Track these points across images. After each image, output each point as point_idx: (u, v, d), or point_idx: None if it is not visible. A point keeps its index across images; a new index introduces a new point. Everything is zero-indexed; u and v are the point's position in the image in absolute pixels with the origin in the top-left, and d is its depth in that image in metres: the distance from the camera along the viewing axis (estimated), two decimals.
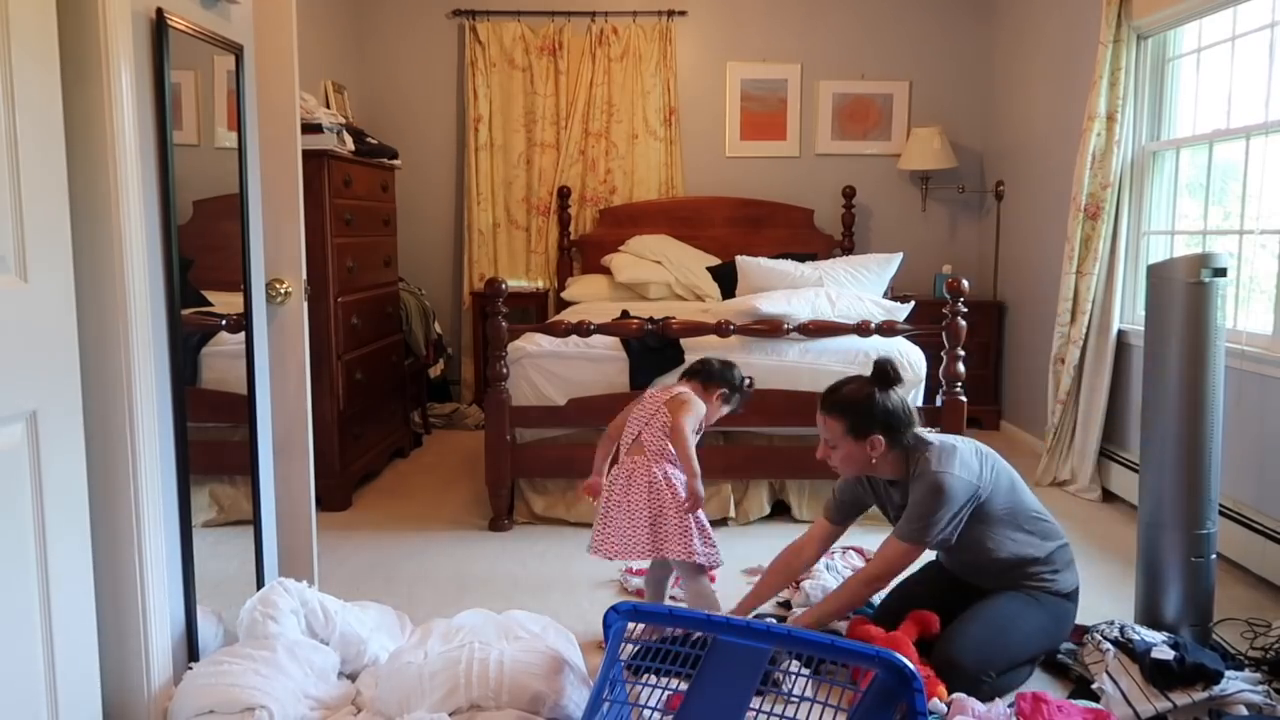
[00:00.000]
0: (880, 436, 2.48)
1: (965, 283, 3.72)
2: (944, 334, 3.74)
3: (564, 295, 5.49)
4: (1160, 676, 2.27)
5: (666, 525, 2.62)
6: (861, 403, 2.50)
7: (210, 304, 2.45)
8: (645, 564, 3.27)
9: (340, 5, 5.52)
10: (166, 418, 2.16)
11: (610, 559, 2.63)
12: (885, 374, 2.53)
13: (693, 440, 2.72)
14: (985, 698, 2.30)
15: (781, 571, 2.74)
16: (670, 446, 2.69)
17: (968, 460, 2.49)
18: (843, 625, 2.68)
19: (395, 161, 4.85)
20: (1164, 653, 2.31)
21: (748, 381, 2.96)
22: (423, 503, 4.13)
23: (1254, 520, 3.24)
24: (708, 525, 2.72)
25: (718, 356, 2.97)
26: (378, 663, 2.41)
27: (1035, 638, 2.49)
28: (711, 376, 2.86)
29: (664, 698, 1.94)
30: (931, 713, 2.22)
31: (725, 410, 2.92)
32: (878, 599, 2.82)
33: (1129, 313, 4.22)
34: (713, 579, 2.89)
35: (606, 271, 5.46)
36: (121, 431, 2.00)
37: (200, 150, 2.40)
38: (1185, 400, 2.65)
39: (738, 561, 3.42)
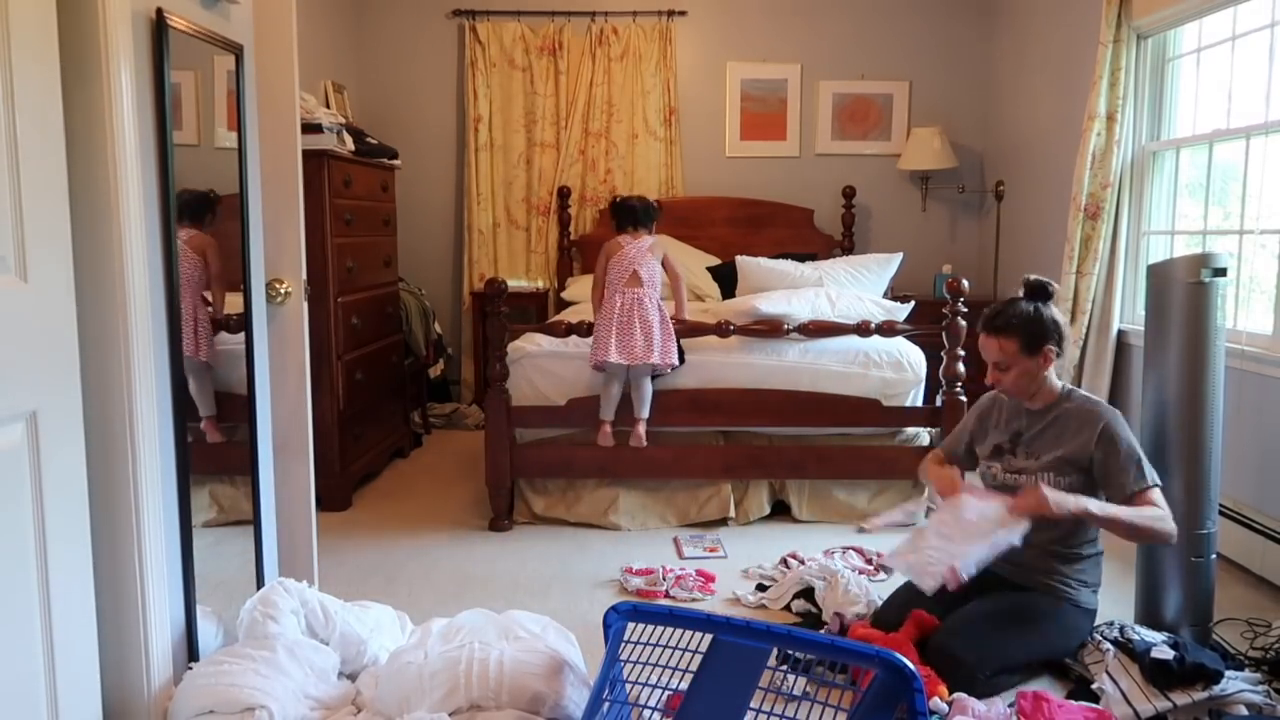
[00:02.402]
0: (1053, 347, 2.55)
1: (965, 283, 3.72)
2: (944, 334, 3.74)
3: (564, 295, 5.49)
4: (1160, 676, 2.27)
5: (662, 337, 3.65)
6: (1033, 316, 2.56)
7: (211, 304, 2.45)
8: (643, 564, 3.29)
9: (340, 5, 5.52)
10: (166, 418, 2.16)
11: (629, 362, 3.61)
12: (1043, 287, 2.60)
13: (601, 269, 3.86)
14: (980, 695, 2.30)
15: (942, 465, 2.80)
16: (660, 277, 3.85)
17: None
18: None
19: (395, 161, 4.85)
20: (1164, 652, 2.31)
21: (656, 204, 4.06)
22: (423, 503, 4.13)
23: (1254, 520, 3.24)
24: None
25: (635, 199, 4.01)
26: (378, 663, 2.41)
27: (1039, 645, 2.49)
28: (650, 217, 3.97)
29: (664, 698, 1.94)
30: (932, 712, 2.22)
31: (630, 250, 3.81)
32: (879, 597, 2.82)
33: (1129, 313, 4.22)
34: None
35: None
36: (122, 431, 2.00)
37: (200, 150, 2.40)
38: (1185, 400, 2.65)
39: (738, 561, 3.42)
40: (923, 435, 3.87)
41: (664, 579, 3.16)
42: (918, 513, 3.51)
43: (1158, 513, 2.42)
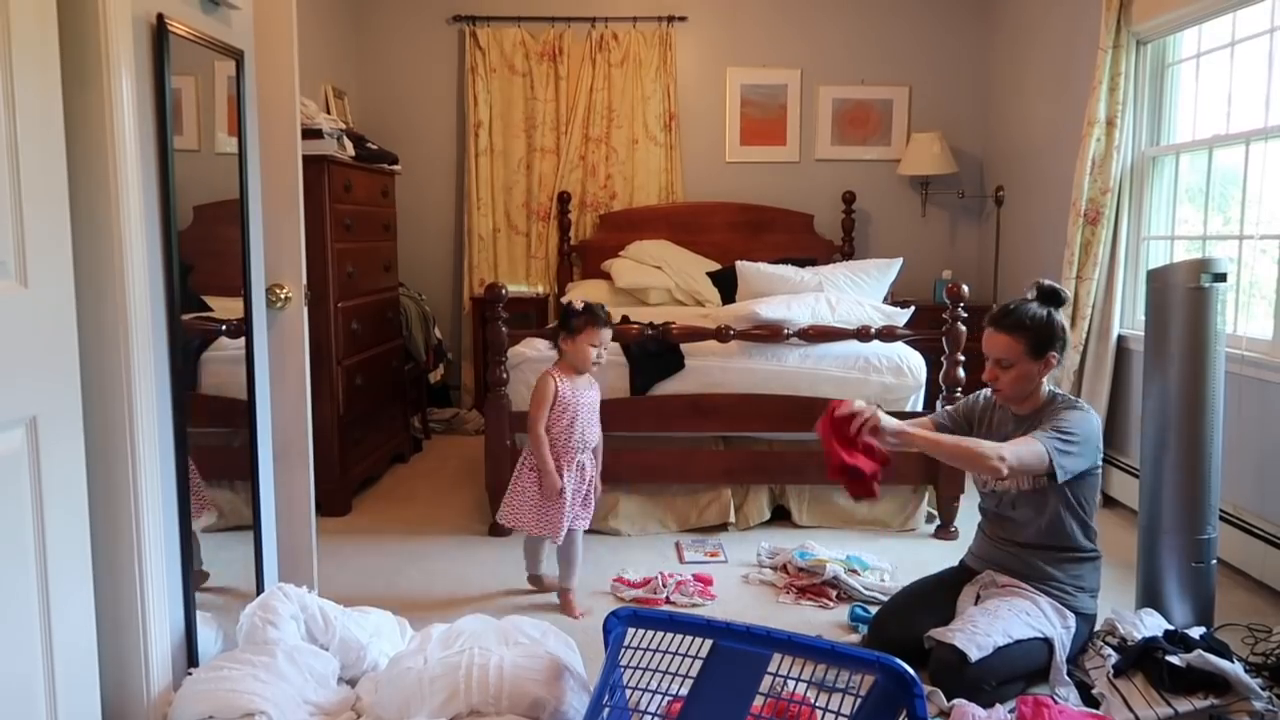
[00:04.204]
0: (1056, 354, 2.54)
1: (965, 288, 3.72)
2: (944, 339, 3.74)
3: (564, 300, 5.48)
4: (1169, 679, 2.26)
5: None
6: (1044, 320, 2.54)
7: (210, 309, 2.45)
8: (635, 575, 3.28)
9: (341, 10, 5.53)
10: (167, 423, 2.16)
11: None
12: (1055, 293, 2.59)
13: (543, 412, 3.01)
14: (985, 704, 2.30)
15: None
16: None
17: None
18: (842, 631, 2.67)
19: (395, 167, 4.86)
20: (1176, 657, 2.30)
21: (580, 306, 3.04)
22: (423, 508, 4.13)
23: (1254, 525, 3.23)
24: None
25: (574, 305, 3.07)
26: (377, 668, 2.40)
27: (1041, 653, 2.48)
28: (561, 324, 3.07)
29: (664, 703, 1.94)
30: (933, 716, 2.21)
31: (593, 351, 3.02)
32: (882, 595, 2.81)
33: (1129, 318, 4.22)
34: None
35: (606, 277, 5.45)
36: (122, 436, 2.00)
37: (200, 155, 2.41)
38: (1185, 405, 2.65)
39: (738, 566, 3.42)
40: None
41: (664, 585, 3.16)
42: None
43: (985, 445, 2.43)
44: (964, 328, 3.71)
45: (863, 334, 3.79)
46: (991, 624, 2.42)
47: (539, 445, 2.99)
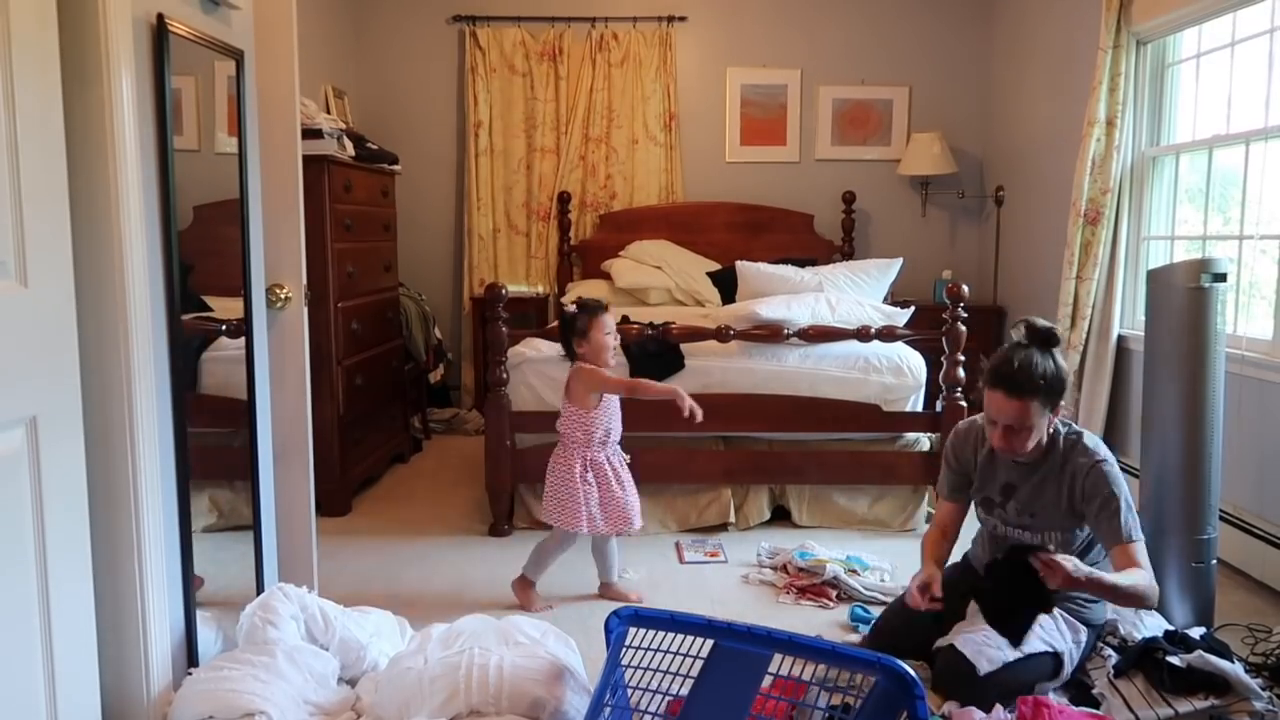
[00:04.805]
0: (1062, 400, 2.39)
1: (965, 288, 3.72)
2: (944, 339, 3.74)
3: (564, 300, 5.48)
4: (1169, 680, 2.26)
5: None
6: (1054, 373, 2.34)
7: (210, 309, 2.45)
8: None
9: (341, 10, 5.53)
10: (167, 423, 2.16)
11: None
12: (1051, 334, 2.38)
13: (621, 381, 3.13)
14: (985, 707, 2.29)
15: (940, 544, 2.62)
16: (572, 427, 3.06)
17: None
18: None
19: (395, 167, 4.86)
20: (1176, 657, 2.30)
21: (573, 309, 3.07)
22: (423, 508, 4.13)
23: (1255, 525, 3.23)
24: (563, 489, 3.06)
25: (567, 310, 3.09)
26: (377, 668, 2.40)
27: (1049, 665, 2.45)
28: (566, 333, 3.06)
29: (664, 703, 1.94)
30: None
31: (608, 339, 3.03)
32: (882, 595, 2.81)
33: (1129, 318, 4.22)
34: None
35: (607, 277, 5.46)
36: (122, 436, 1.99)
37: (200, 155, 2.41)
38: (1185, 405, 2.65)
39: (738, 566, 3.42)
40: (923, 440, 3.87)
41: None
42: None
43: (1145, 577, 2.32)
44: (964, 328, 3.70)
45: (863, 334, 3.79)
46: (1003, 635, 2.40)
47: (636, 384, 3.10)
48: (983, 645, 2.36)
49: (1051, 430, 2.43)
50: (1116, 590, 2.29)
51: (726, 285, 5.10)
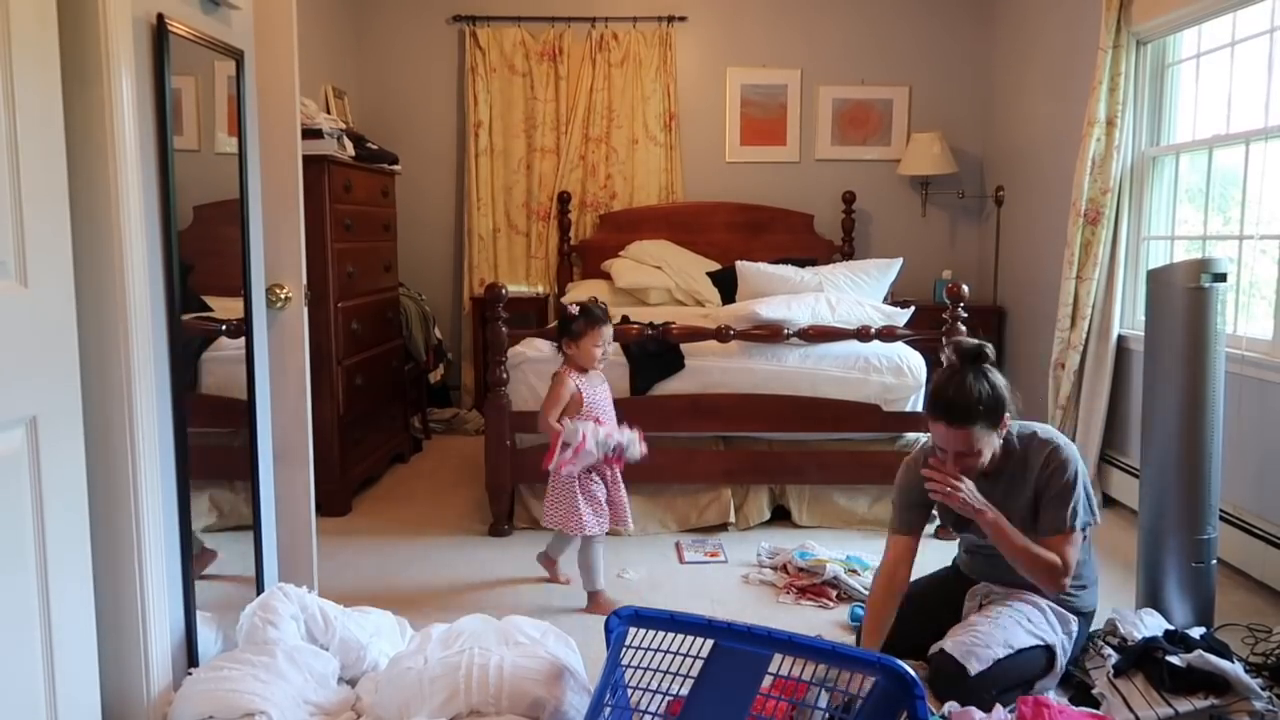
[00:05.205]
0: (1009, 411, 2.39)
1: (965, 288, 3.72)
2: (944, 339, 3.73)
3: (564, 300, 5.48)
4: (1169, 679, 2.26)
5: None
6: (990, 393, 2.35)
7: (210, 309, 2.45)
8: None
9: (341, 10, 5.53)
10: (167, 423, 2.16)
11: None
12: (980, 352, 2.39)
13: (556, 409, 3.03)
14: (985, 707, 2.29)
15: (887, 603, 2.51)
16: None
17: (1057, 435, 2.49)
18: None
19: (395, 167, 4.86)
20: (1176, 657, 2.30)
21: (576, 309, 3.06)
22: (423, 508, 4.13)
23: (1255, 525, 3.23)
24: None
25: (570, 308, 3.09)
26: (377, 668, 2.40)
27: (1042, 660, 2.46)
28: (561, 329, 3.08)
29: (664, 703, 1.94)
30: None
31: (598, 350, 3.04)
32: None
33: (1129, 318, 4.22)
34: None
35: (607, 277, 5.46)
36: (122, 436, 2.00)
37: (200, 155, 2.41)
38: (1185, 405, 2.65)
39: (738, 566, 3.42)
40: (922, 440, 3.86)
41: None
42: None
43: (1053, 560, 2.35)
44: (964, 328, 3.70)
45: (863, 334, 3.79)
46: (992, 632, 2.39)
47: (551, 430, 3.00)
48: (971, 646, 2.37)
49: (1004, 435, 2.44)
50: (1020, 549, 2.37)
51: (726, 285, 5.10)
